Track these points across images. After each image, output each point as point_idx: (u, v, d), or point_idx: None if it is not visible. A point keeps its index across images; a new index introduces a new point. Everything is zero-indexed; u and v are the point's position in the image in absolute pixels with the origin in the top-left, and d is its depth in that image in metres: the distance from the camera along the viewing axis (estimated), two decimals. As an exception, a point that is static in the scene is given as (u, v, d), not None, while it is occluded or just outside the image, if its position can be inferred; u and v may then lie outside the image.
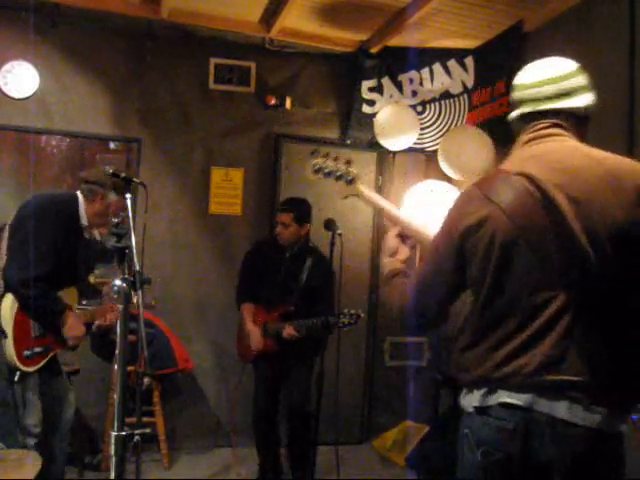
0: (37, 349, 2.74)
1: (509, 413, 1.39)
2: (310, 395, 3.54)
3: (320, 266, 3.56)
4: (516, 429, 1.38)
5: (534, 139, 1.53)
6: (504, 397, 1.40)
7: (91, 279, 3.24)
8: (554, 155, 1.47)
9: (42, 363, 2.79)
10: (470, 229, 1.45)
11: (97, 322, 2.94)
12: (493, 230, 1.41)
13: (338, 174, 2.07)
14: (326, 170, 2.09)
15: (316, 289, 3.52)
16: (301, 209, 3.58)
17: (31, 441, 2.70)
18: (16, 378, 2.69)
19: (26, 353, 2.70)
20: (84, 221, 2.92)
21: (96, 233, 3.84)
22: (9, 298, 2.71)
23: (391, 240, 1.85)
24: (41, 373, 2.80)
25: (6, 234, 2.81)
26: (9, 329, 2.67)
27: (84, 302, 2.99)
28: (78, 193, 2.92)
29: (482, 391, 1.45)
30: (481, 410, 1.45)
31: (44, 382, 2.83)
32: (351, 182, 2.05)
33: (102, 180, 2.89)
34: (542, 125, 1.53)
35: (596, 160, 1.44)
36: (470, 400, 1.49)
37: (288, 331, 3.42)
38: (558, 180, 1.39)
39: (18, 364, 2.68)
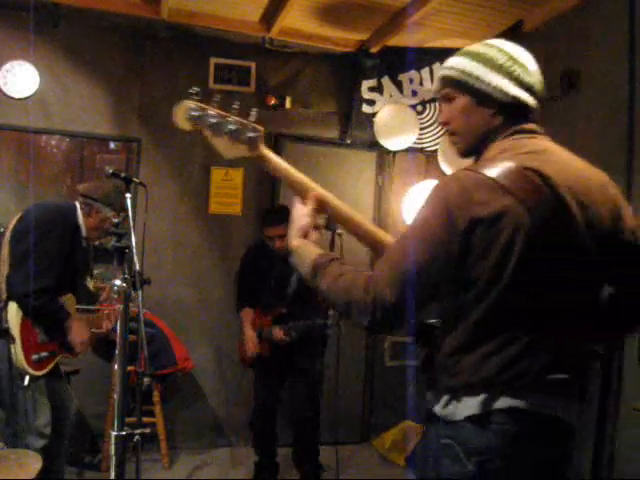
0: (44, 354, 2.76)
1: (513, 418, 1.32)
2: (314, 399, 3.53)
3: None
4: (520, 432, 1.32)
5: (521, 132, 1.42)
6: (509, 402, 1.32)
7: (90, 285, 3.25)
8: (552, 152, 1.40)
9: (50, 366, 2.81)
10: (482, 222, 1.27)
11: (93, 330, 2.94)
12: (514, 227, 1.27)
13: (231, 128, 1.45)
14: (212, 120, 1.45)
15: (308, 291, 3.45)
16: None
17: (41, 443, 2.70)
18: (26, 382, 2.70)
19: (34, 357, 2.71)
20: (84, 232, 2.95)
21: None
22: (15, 304, 2.71)
23: (304, 218, 1.54)
24: (49, 375, 2.80)
25: (4, 240, 2.80)
26: (16, 334, 2.67)
27: (80, 306, 2.98)
28: (77, 204, 2.94)
29: (481, 397, 1.33)
30: (478, 417, 1.33)
31: (51, 383, 2.84)
32: (253, 141, 1.48)
33: (96, 195, 2.91)
34: (532, 119, 1.44)
35: (586, 164, 1.44)
36: (460, 408, 1.36)
37: (276, 334, 3.43)
38: (565, 181, 1.33)
39: (27, 368, 2.69)
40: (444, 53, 4.35)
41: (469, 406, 1.35)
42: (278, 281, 3.53)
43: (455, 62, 1.46)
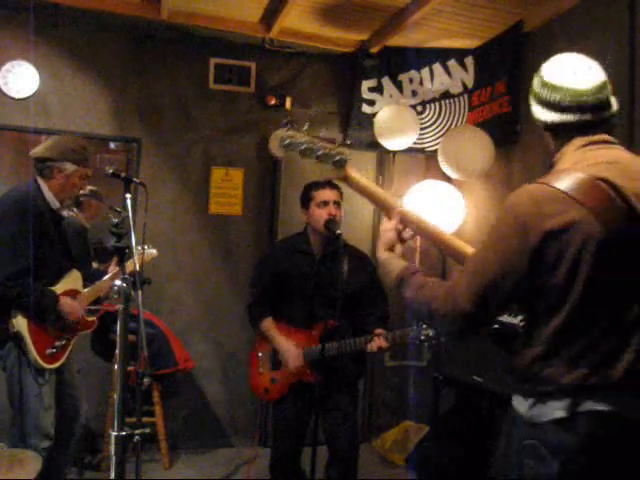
0: (58, 343, 2.73)
1: (598, 420, 1.34)
2: (359, 432, 3.06)
3: (359, 264, 2.91)
4: (605, 435, 1.34)
5: (591, 144, 1.46)
6: (594, 405, 1.34)
7: (95, 265, 3.21)
8: (624, 163, 1.42)
9: (65, 356, 2.78)
10: (553, 233, 1.33)
11: (90, 307, 2.87)
12: (584, 237, 1.32)
13: (320, 152, 1.60)
14: (302, 147, 1.60)
15: (362, 293, 2.87)
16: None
17: (45, 443, 2.65)
18: (47, 377, 2.67)
19: (49, 351, 2.68)
20: (54, 204, 2.77)
21: (84, 221, 3.81)
22: None
23: (389, 233, 1.66)
24: (58, 370, 2.77)
25: None
26: (25, 334, 2.62)
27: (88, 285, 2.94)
28: (37, 177, 2.76)
29: (567, 401, 1.36)
30: (564, 420, 1.36)
31: (61, 378, 2.81)
32: (339, 164, 1.62)
33: (51, 154, 2.74)
34: (596, 132, 1.48)
35: None
36: (545, 410, 1.39)
37: (379, 344, 2.67)
38: (636, 190, 1.36)
39: (44, 364, 2.66)
40: (444, 53, 4.37)
41: (555, 408, 1.38)
42: (322, 286, 2.81)
43: None
